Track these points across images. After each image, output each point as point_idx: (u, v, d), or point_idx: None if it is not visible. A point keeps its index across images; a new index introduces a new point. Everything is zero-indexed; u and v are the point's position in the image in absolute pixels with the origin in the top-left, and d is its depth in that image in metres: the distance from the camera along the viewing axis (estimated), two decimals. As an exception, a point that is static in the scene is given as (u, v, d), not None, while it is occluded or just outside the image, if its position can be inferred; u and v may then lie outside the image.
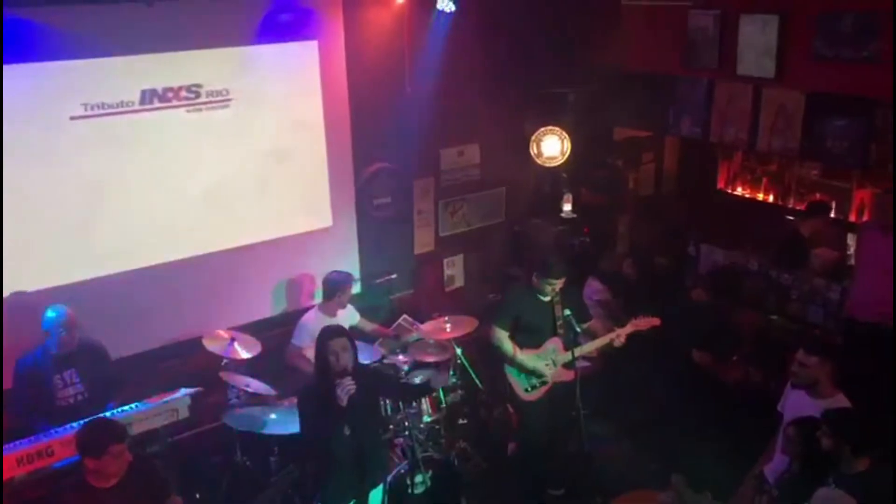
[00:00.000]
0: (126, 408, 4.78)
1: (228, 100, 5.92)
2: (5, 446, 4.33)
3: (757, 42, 6.03)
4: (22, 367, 4.87)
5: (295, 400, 5.20)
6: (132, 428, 4.62)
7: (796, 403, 4.24)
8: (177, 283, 5.90)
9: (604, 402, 5.99)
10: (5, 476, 4.20)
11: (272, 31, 5.89)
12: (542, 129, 7.05)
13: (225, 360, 5.40)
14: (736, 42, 6.16)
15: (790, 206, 7.56)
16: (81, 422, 4.53)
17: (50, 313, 4.85)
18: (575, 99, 7.17)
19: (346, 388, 3.95)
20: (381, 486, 4.41)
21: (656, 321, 5.29)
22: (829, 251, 6.74)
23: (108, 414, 4.63)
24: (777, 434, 4.24)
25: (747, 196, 7.88)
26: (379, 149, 6.74)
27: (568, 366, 5.21)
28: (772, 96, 6.08)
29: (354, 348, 4.16)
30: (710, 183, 8.04)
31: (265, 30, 5.86)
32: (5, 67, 4.95)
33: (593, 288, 6.44)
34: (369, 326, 6.26)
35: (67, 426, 4.50)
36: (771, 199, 7.73)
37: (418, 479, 5.20)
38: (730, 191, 8.00)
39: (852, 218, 7.03)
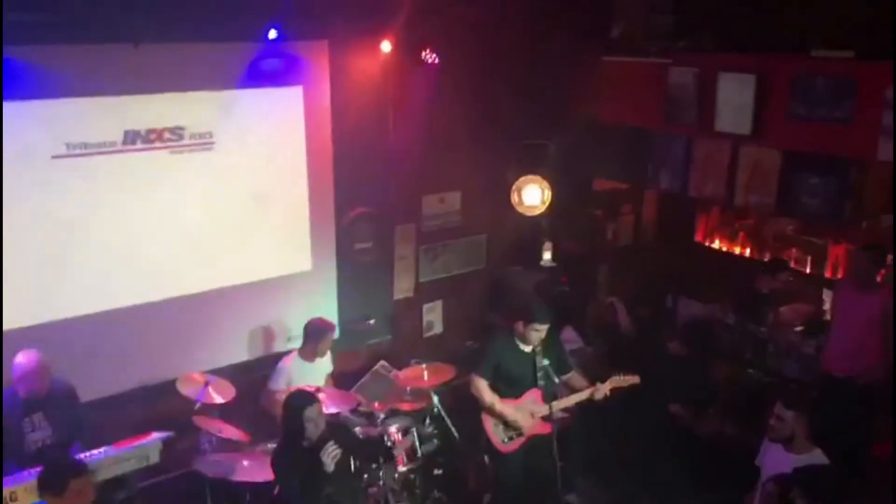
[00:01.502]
0: (95, 452, 4.68)
1: (212, 143, 5.93)
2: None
3: (734, 100, 6.17)
4: (-11, 410, 4.76)
5: (268, 445, 5.14)
6: (101, 473, 4.53)
7: (774, 458, 4.24)
8: (152, 325, 5.83)
9: (581, 454, 5.94)
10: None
11: (258, 75, 5.93)
12: (524, 177, 7.12)
13: (198, 404, 5.30)
14: (714, 99, 6.30)
15: (766, 259, 7.66)
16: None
17: (20, 358, 4.75)
18: (556, 149, 7.27)
19: (332, 454, 3.97)
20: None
21: (636, 379, 5.26)
22: (791, 310, 6.81)
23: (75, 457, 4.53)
24: (755, 488, 4.23)
25: (724, 249, 7.98)
26: (361, 194, 6.77)
27: (546, 418, 5.18)
28: (749, 153, 6.21)
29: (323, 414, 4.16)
30: (688, 235, 8.13)
31: (251, 74, 5.90)
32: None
33: (567, 337, 6.44)
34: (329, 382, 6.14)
35: (32, 471, 4.38)
36: (748, 252, 7.82)
37: (392, 530, 5.11)
38: (707, 243, 8.09)
39: (828, 274, 7.12)
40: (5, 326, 5.22)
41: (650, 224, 8.53)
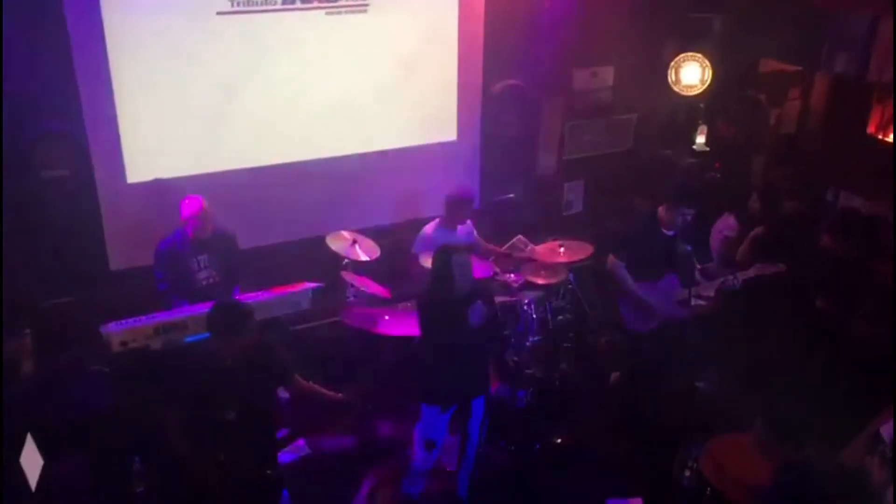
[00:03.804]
0: (253, 295, 5.08)
1: (365, 5, 5.97)
2: (146, 317, 4.72)
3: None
4: (162, 248, 5.21)
5: (408, 304, 5.39)
6: (257, 314, 4.91)
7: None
8: (305, 183, 6.13)
9: (717, 342, 5.86)
10: (146, 343, 4.60)
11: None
12: (683, 55, 6.74)
13: (346, 261, 5.61)
14: (911, -28, 5.63)
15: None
16: (212, 302, 4.88)
17: (187, 202, 5.13)
18: (721, 25, 6.78)
19: (480, 311, 4.12)
20: (482, 397, 4.53)
21: (782, 268, 5.08)
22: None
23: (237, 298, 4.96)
24: (900, 394, 4.05)
25: (901, 143, 7.31)
26: (510, 65, 6.66)
27: (683, 303, 5.12)
28: (945, 35, 5.56)
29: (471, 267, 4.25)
30: (859, 125, 7.48)
31: (408, -66, 5.81)
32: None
33: (727, 224, 6.19)
34: (483, 244, 6.31)
35: (201, 305, 4.84)
36: (927, 149, 7.14)
37: (520, 394, 5.30)
38: (881, 136, 7.43)
39: None
40: (173, 174, 5.64)
41: (818, 111, 7.88)
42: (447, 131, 6.68)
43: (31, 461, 4.09)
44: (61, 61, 5.09)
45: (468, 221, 6.09)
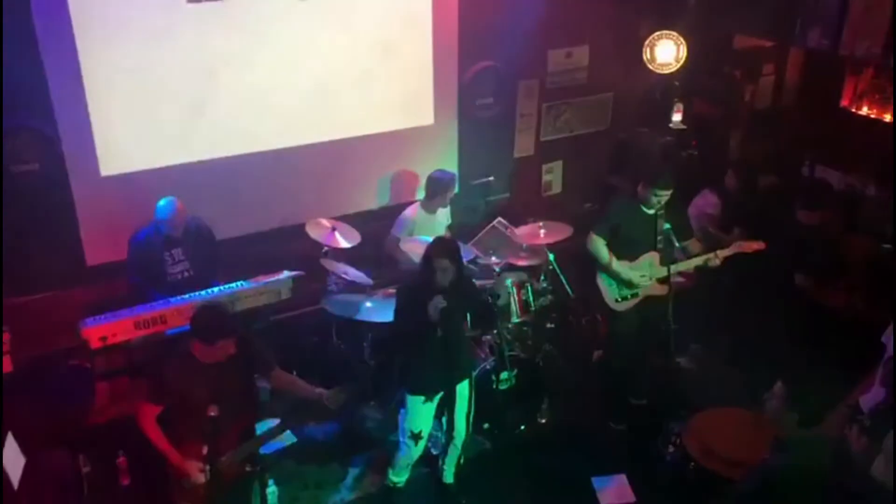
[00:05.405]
0: (232, 285, 5.05)
1: (339, -11, 5.89)
2: (125, 312, 4.68)
3: (906, -55, 5.51)
4: (135, 242, 5.17)
5: (390, 291, 5.38)
6: (237, 305, 4.90)
7: (901, 336, 4.08)
8: (282, 171, 6.07)
9: (697, 318, 5.90)
10: (126, 338, 4.55)
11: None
12: (658, 32, 6.73)
13: (326, 248, 5.58)
14: (881, -55, 5.65)
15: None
16: (190, 295, 4.84)
17: (161, 203, 5.07)
18: (695, 2, 6.78)
19: (437, 305, 4.10)
20: (467, 381, 4.53)
21: (761, 245, 5.12)
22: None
23: (215, 290, 4.92)
24: (878, 365, 4.11)
25: (873, 117, 7.36)
26: (485, 47, 6.62)
27: (662, 281, 5.15)
28: (916, 8, 5.59)
29: (457, 265, 4.22)
30: (833, 99, 7.54)
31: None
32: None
33: (708, 201, 6.21)
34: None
35: (179, 298, 4.80)
36: (900, 121, 7.20)
37: (503, 376, 5.31)
38: (854, 109, 7.49)
39: None
40: (147, 166, 5.57)
41: (792, 86, 7.94)
42: (424, 115, 6.64)
43: (13, 459, 4.05)
44: (28, 52, 4.98)
45: (448, 205, 6.09)
